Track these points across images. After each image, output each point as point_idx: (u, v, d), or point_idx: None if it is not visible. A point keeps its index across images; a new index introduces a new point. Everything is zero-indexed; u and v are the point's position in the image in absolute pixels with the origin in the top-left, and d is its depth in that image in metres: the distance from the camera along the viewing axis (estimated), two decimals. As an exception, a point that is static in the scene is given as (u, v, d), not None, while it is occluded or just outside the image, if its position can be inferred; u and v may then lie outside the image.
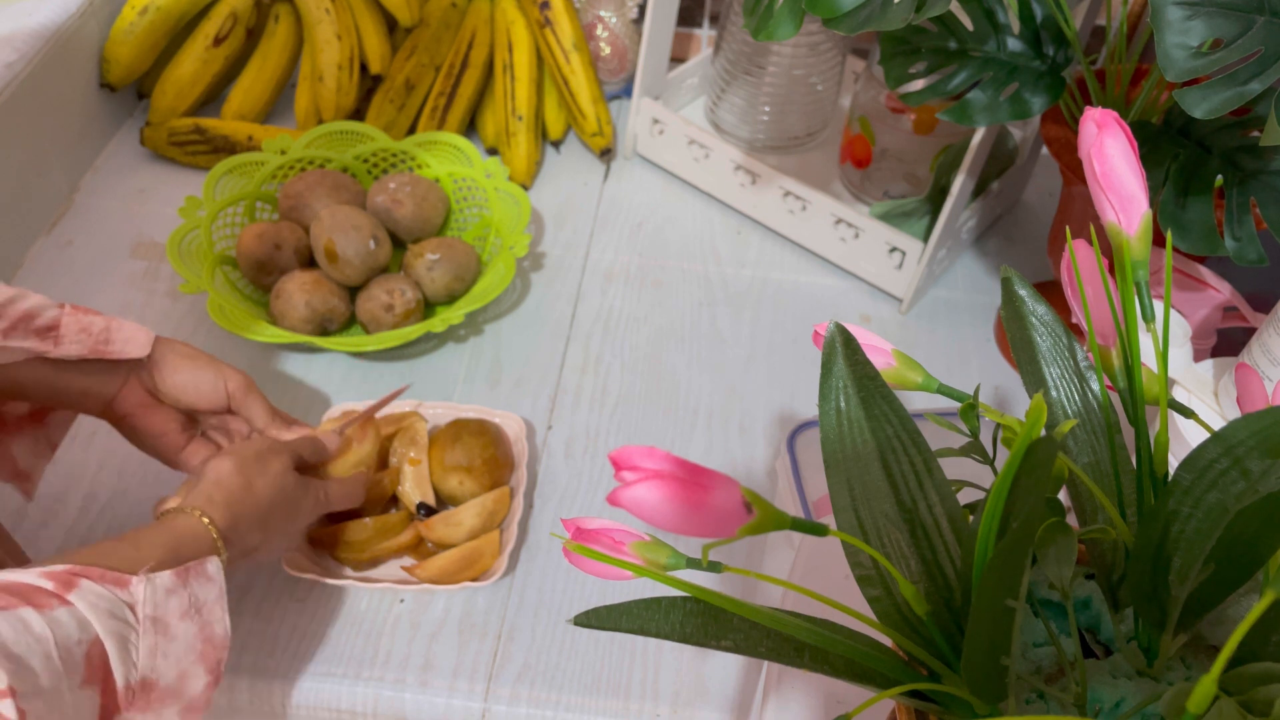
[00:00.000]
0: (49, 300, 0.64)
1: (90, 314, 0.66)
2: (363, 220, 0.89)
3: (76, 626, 0.47)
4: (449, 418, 0.81)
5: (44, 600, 0.47)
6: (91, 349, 0.65)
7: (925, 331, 0.94)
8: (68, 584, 0.48)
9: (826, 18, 0.66)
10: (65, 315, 0.64)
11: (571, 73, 1.07)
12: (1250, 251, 0.64)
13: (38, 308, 0.63)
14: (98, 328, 0.65)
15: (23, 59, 0.95)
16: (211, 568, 0.55)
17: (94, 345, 0.65)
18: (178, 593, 0.52)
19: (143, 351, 0.67)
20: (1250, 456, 0.33)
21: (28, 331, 0.62)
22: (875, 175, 1.01)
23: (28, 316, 0.62)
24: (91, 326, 0.65)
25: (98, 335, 0.65)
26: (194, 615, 0.53)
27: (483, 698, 0.68)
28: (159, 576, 0.52)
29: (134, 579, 0.51)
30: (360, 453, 0.73)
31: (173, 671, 0.51)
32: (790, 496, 0.70)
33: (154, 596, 0.51)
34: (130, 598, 0.50)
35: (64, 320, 0.64)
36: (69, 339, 0.64)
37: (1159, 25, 0.57)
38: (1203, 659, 0.39)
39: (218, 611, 0.55)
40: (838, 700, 0.55)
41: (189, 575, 0.53)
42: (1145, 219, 0.36)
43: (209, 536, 0.57)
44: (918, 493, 0.38)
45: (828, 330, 0.40)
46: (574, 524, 0.35)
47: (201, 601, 0.54)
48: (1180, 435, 0.58)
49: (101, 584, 0.49)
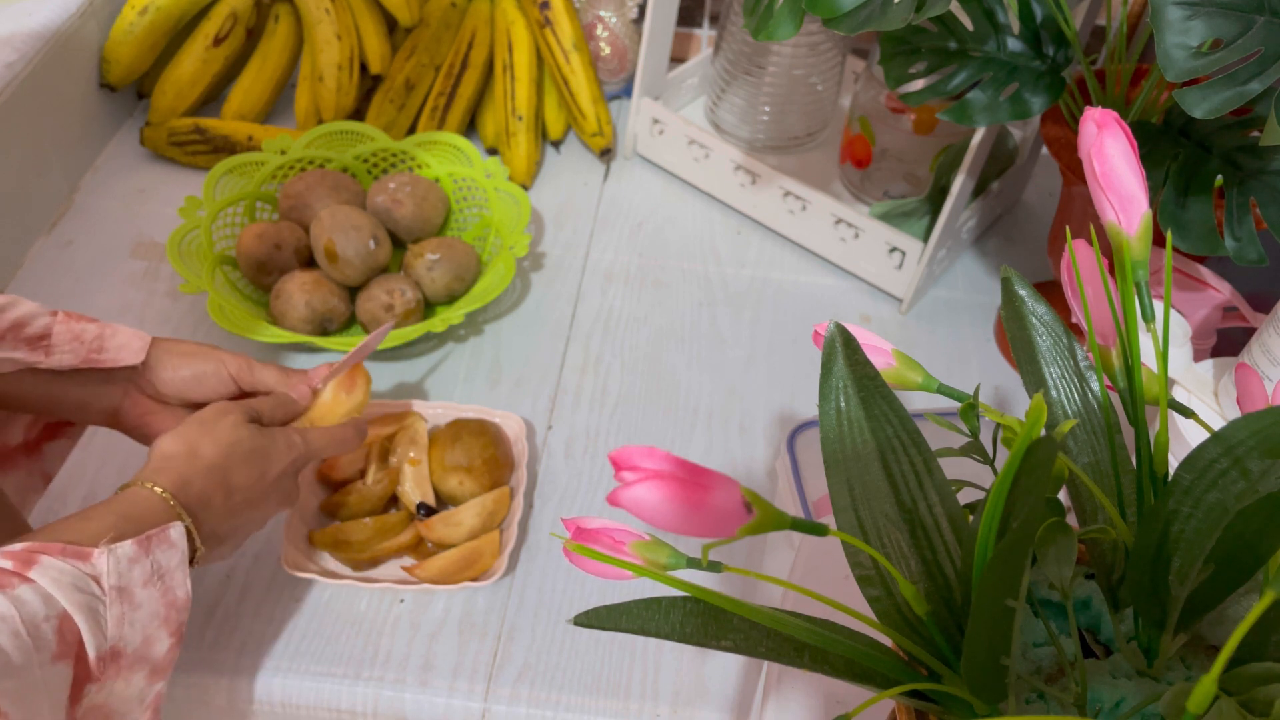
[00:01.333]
0: (41, 308, 0.63)
1: (83, 321, 0.65)
2: (363, 220, 0.89)
3: (41, 603, 0.47)
4: (449, 418, 0.81)
5: (4, 580, 0.47)
6: (84, 358, 0.64)
7: (925, 331, 0.94)
8: (27, 562, 0.48)
9: (826, 18, 0.66)
10: (57, 324, 0.63)
11: (571, 73, 1.07)
12: (1250, 251, 0.64)
13: (28, 316, 0.62)
14: (90, 335, 0.64)
15: (23, 59, 0.95)
16: (174, 533, 0.55)
17: (86, 354, 0.64)
18: (140, 561, 0.52)
19: (136, 358, 0.66)
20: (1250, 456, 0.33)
21: (17, 341, 0.61)
22: (875, 175, 1.02)
23: (17, 325, 0.61)
24: (84, 334, 0.64)
25: (90, 344, 0.64)
26: (156, 581, 0.53)
27: (483, 698, 0.68)
28: (120, 547, 0.52)
29: (95, 551, 0.51)
30: (350, 403, 0.71)
31: (139, 637, 0.52)
32: (790, 496, 0.70)
33: (117, 567, 0.51)
34: (94, 570, 0.50)
35: (55, 329, 0.63)
36: (60, 348, 0.63)
37: (1159, 25, 0.57)
38: (1203, 659, 0.38)
39: (179, 576, 0.54)
40: (838, 700, 0.55)
41: (151, 543, 0.53)
42: (1145, 219, 0.36)
43: (164, 503, 0.56)
44: (918, 493, 0.38)
45: (828, 330, 0.40)
46: (574, 524, 0.35)
47: (164, 568, 0.54)
48: (1180, 435, 0.58)
49: (63, 559, 0.49)
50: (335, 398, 0.71)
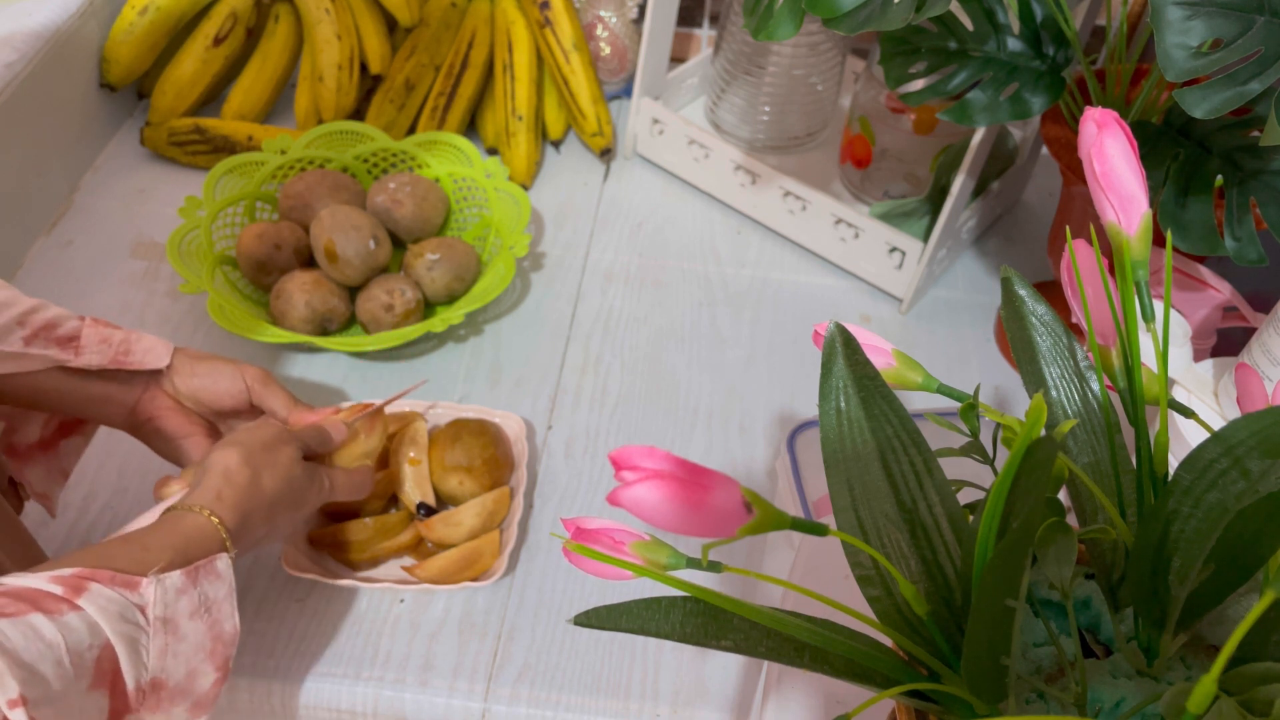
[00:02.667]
0: (69, 312, 0.65)
1: (110, 327, 0.66)
2: (363, 220, 0.89)
3: (87, 631, 0.47)
4: (449, 418, 0.81)
5: (53, 606, 0.46)
6: (112, 359, 0.65)
7: (925, 331, 0.94)
8: (77, 588, 0.48)
9: (826, 18, 0.66)
10: (85, 327, 0.65)
11: (571, 73, 1.07)
12: (1250, 251, 0.64)
13: (59, 318, 0.63)
14: (117, 339, 0.66)
15: (23, 59, 0.95)
16: (221, 565, 0.55)
17: (114, 356, 0.65)
18: (188, 592, 0.52)
19: (162, 362, 0.67)
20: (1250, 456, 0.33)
21: (49, 340, 0.62)
22: (875, 175, 1.02)
23: (49, 326, 0.63)
24: (111, 338, 0.65)
25: (118, 346, 0.65)
26: (203, 614, 0.53)
27: (483, 698, 0.68)
28: (169, 577, 0.51)
29: (144, 580, 0.50)
30: (367, 445, 0.72)
31: (182, 670, 0.51)
32: (790, 496, 0.70)
33: (164, 597, 0.51)
34: (140, 599, 0.50)
35: (84, 331, 0.64)
36: (89, 349, 0.64)
37: (1159, 25, 0.57)
38: (1203, 659, 0.38)
39: (226, 608, 0.54)
40: (838, 700, 0.55)
41: (199, 574, 0.53)
42: (1145, 219, 0.36)
43: (218, 535, 0.56)
44: (918, 493, 0.38)
45: (828, 330, 0.40)
46: (574, 524, 0.35)
47: (211, 599, 0.54)
48: (1180, 435, 0.58)
49: (111, 587, 0.49)
50: (355, 439, 0.72)
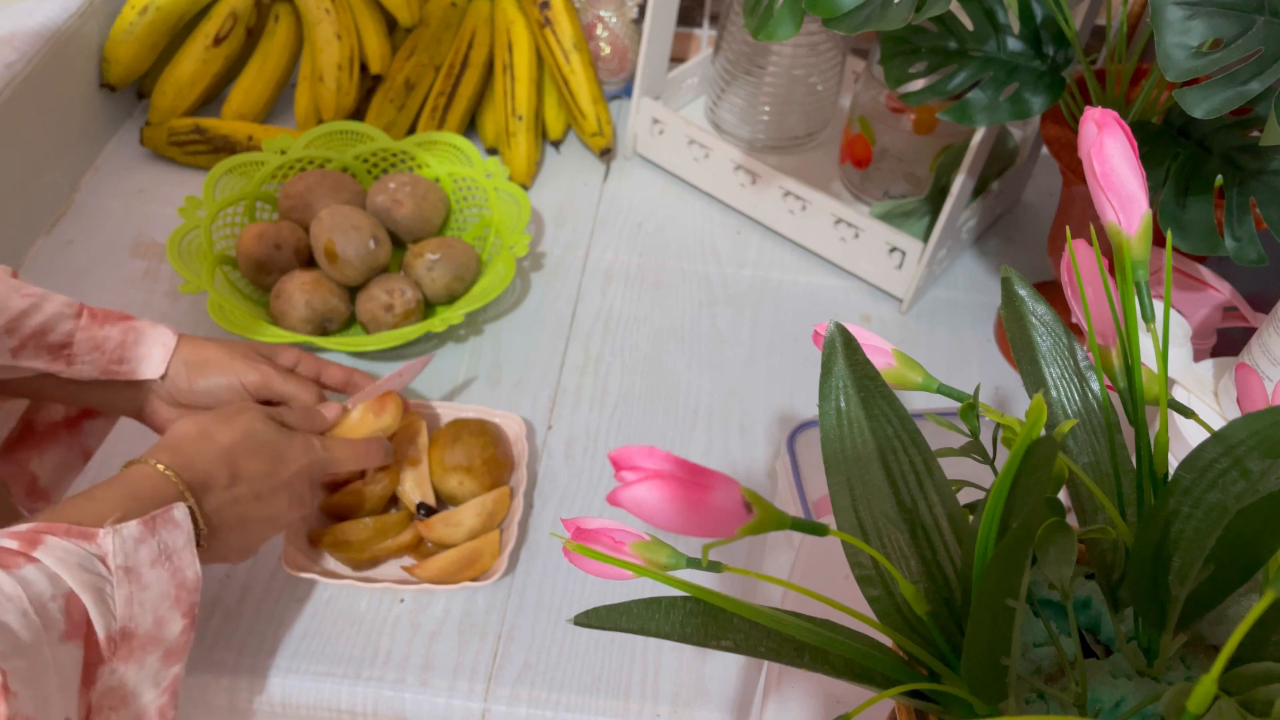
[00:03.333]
0: (67, 306, 0.63)
1: (108, 323, 0.64)
2: (363, 220, 0.89)
3: (47, 582, 0.47)
4: (449, 418, 0.81)
5: (10, 560, 0.47)
6: (104, 369, 0.64)
7: (925, 331, 0.94)
8: (32, 542, 0.48)
9: (826, 18, 0.66)
10: (79, 329, 0.63)
11: (571, 73, 1.07)
12: (1250, 251, 0.64)
13: (51, 321, 0.62)
14: (112, 344, 0.64)
15: (23, 59, 0.95)
16: (178, 514, 0.55)
17: (106, 365, 0.64)
18: (146, 541, 0.52)
19: (156, 372, 0.66)
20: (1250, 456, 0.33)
21: (39, 349, 0.62)
22: (875, 175, 1.02)
23: (40, 333, 0.61)
24: (105, 343, 0.64)
25: (111, 353, 0.64)
26: (164, 562, 0.53)
27: (483, 698, 0.68)
28: (125, 527, 0.51)
29: (100, 531, 0.51)
30: (377, 425, 0.72)
31: (150, 618, 0.52)
32: (790, 496, 0.70)
33: (123, 547, 0.51)
34: (99, 550, 0.50)
35: (77, 336, 0.63)
36: (81, 358, 0.63)
37: (1159, 25, 0.57)
38: (1203, 659, 0.39)
39: (187, 556, 0.54)
40: (838, 700, 0.55)
41: (156, 523, 0.53)
42: (1145, 219, 0.36)
43: (169, 483, 0.56)
44: (918, 493, 0.38)
45: (828, 330, 0.40)
46: (574, 524, 0.35)
47: (171, 548, 0.53)
48: (1180, 435, 0.58)
49: (67, 539, 0.49)
50: (363, 419, 0.72)
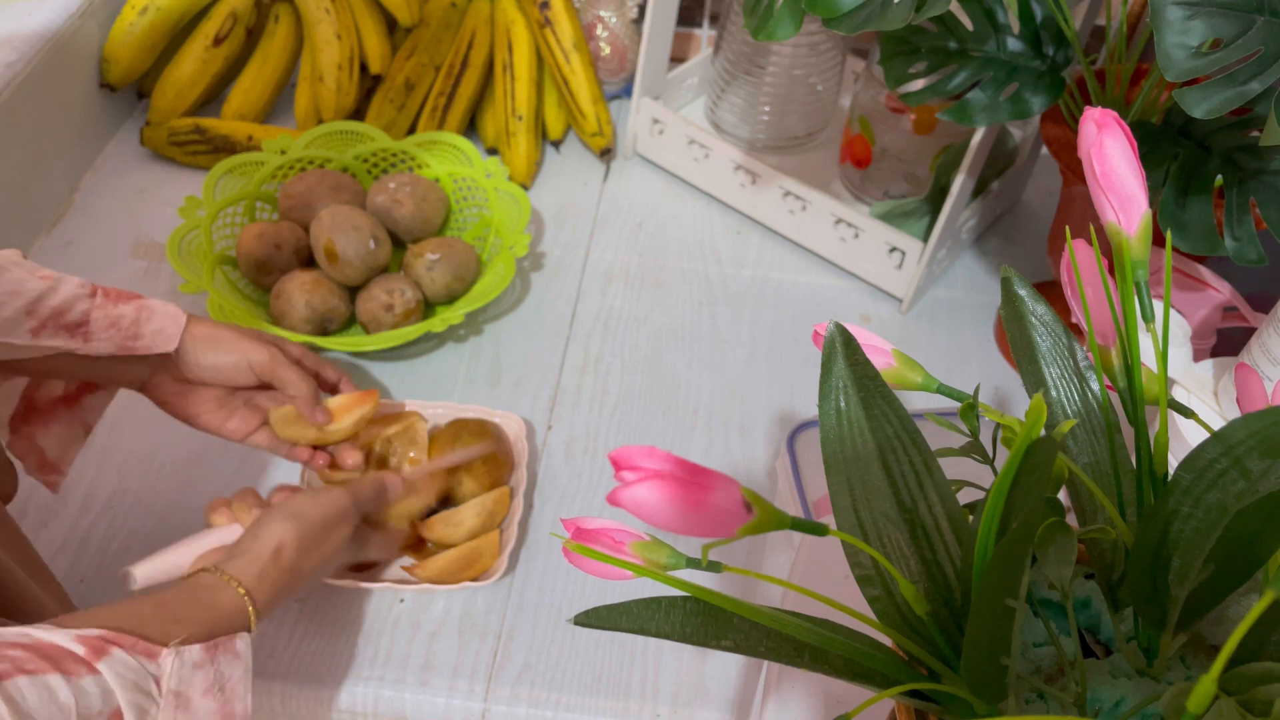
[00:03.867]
0: (81, 287, 0.64)
1: (121, 301, 0.65)
2: (363, 220, 0.89)
3: (100, 697, 0.46)
4: (449, 418, 0.81)
5: (73, 667, 0.46)
6: (120, 345, 0.65)
7: (925, 331, 0.94)
8: (99, 651, 0.48)
9: (826, 18, 0.66)
10: (95, 308, 0.64)
11: (571, 73, 1.07)
12: (1250, 251, 0.64)
13: (68, 302, 0.63)
14: (127, 320, 0.65)
15: (23, 59, 0.95)
16: (240, 644, 0.54)
17: (122, 342, 0.65)
18: (204, 668, 0.52)
19: (170, 346, 0.67)
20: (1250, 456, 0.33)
21: (57, 329, 0.62)
22: (875, 175, 1.02)
23: (57, 313, 0.62)
24: (120, 320, 0.65)
25: (126, 330, 0.65)
26: (217, 692, 0.52)
27: (483, 698, 0.68)
28: (188, 650, 0.51)
29: (164, 651, 0.50)
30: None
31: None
32: (790, 496, 0.70)
33: (180, 671, 0.50)
34: (157, 670, 0.49)
35: (93, 314, 0.64)
36: (98, 335, 0.64)
37: (1159, 25, 0.57)
38: (1203, 659, 0.39)
39: (240, 689, 0.54)
40: (838, 700, 0.55)
41: (217, 651, 0.53)
42: (1145, 219, 0.36)
43: (246, 614, 0.56)
44: (918, 493, 0.38)
45: (828, 330, 0.40)
46: (574, 524, 0.35)
47: (226, 678, 0.53)
48: (1180, 435, 0.58)
49: (133, 654, 0.49)
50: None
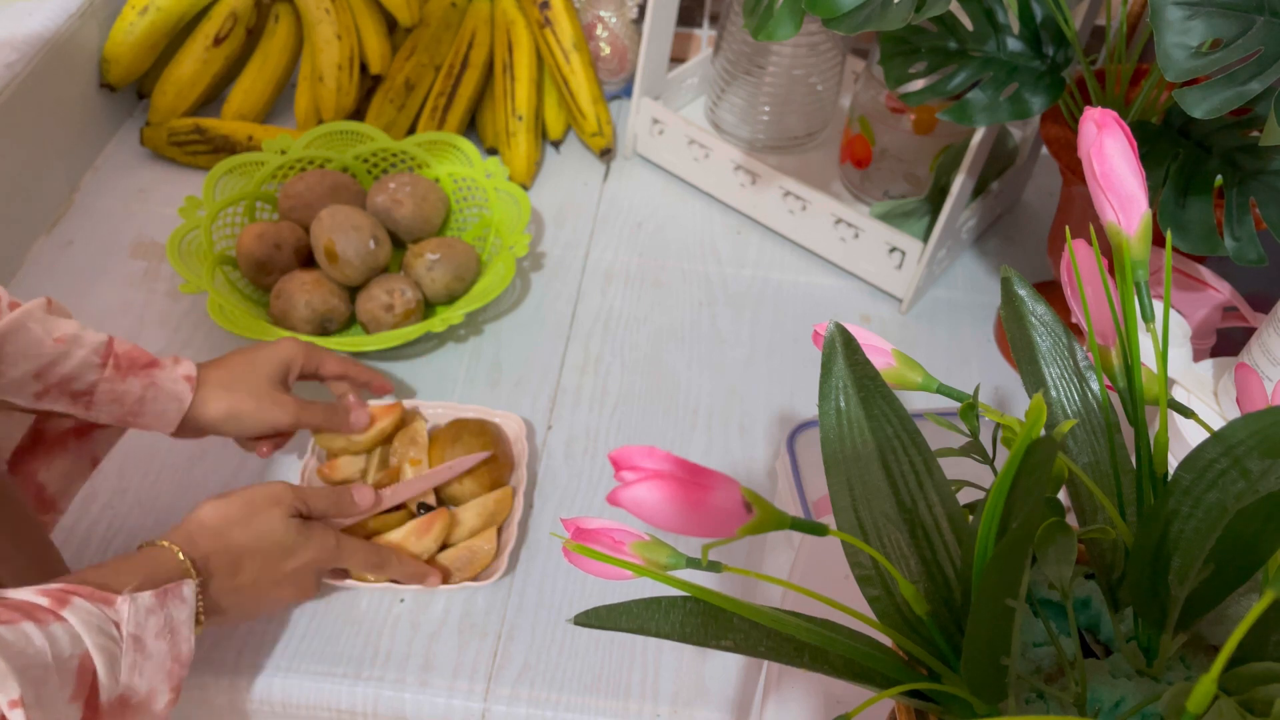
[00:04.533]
0: (95, 354, 0.64)
1: (132, 374, 0.66)
2: (363, 220, 0.89)
3: (69, 642, 0.49)
4: (449, 418, 0.81)
5: (42, 615, 0.49)
6: (120, 418, 0.67)
7: (925, 331, 0.94)
8: (61, 600, 0.50)
9: (826, 18, 0.66)
10: (102, 380, 0.65)
11: (571, 73, 1.07)
12: (1250, 251, 0.64)
13: (78, 370, 0.64)
14: (131, 398, 0.66)
15: (23, 59, 0.95)
16: (186, 590, 0.57)
17: (123, 416, 0.66)
18: (156, 613, 0.54)
19: (169, 429, 0.68)
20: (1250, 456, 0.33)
21: (61, 394, 0.64)
22: (875, 175, 1.02)
23: (66, 380, 0.63)
24: (125, 396, 0.66)
25: (129, 407, 0.66)
26: (167, 635, 0.55)
27: (483, 698, 0.68)
28: (141, 596, 0.54)
29: (119, 598, 0.53)
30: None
31: (144, 688, 0.53)
32: (790, 496, 0.70)
33: (136, 615, 0.53)
34: (116, 615, 0.52)
35: (100, 387, 0.65)
36: (100, 405, 0.65)
37: (1159, 25, 0.57)
38: (1202, 659, 0.39)
39: (185, 631, 0.56)
40: (838, 700, 0.55)
41: (167, 596, 0.55)
42: (1145, 219, 0.36)
43: (179, 563, 0.58)
44: (918, 493, 0.38)
45: (828, 330, 0.40)
46: (574, 524, 0.35)
47: (175, 622, 0.56)
48: (1180, 435, 0.58)
49: (91, 601, 0.51)
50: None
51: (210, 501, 0.63)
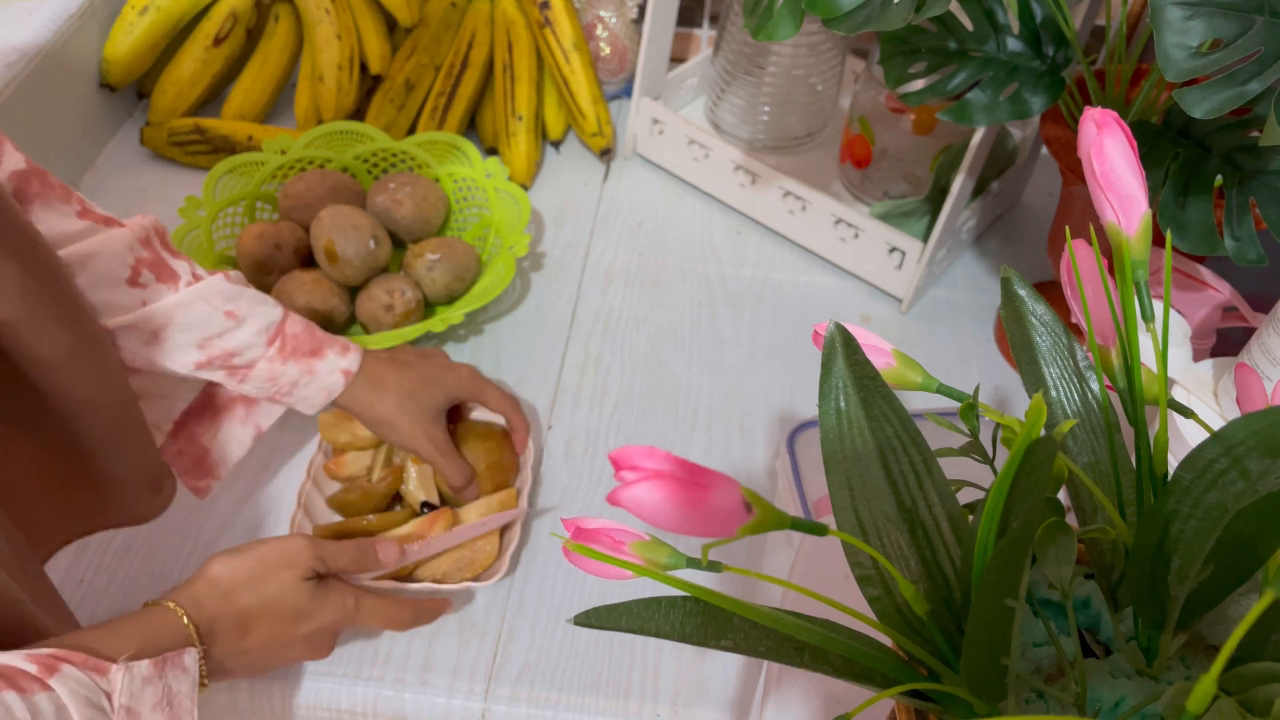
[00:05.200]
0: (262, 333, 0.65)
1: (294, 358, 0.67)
2: (363, 220, 0.89)
3: (54, 714, 0.47)
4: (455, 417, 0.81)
5: (27, 684, 0.46)
6: (270, 396, 0.67)
7: (925, 331, 0.94)
8: (50, 668, 0.48)
9: (826, 18, 0.66)
10: (263, 360, 0.65)
11: (571, 73, 1.07)
12: (1250, 251, 0.64)
13: (242, 347, 0.64)
14: (286, 380, 0.67)
15: (23, 60, 0.95)
16: (188, 660, 0.55)
17: (273, 394, 0.67)
18: (154, 683, 0.52)
19: (311, 410, 0.69)
20: (1250, 456, 0.33)
21: (220, 367, 0.64)
22: (875, 175, 1.02)
23: (228, 355, 0.64)
24: (281, 378, 0.66)
25: (281, 388, 0.67)
26: (165, 706, 0.53)
27: (483, 698, 0.68)
28: (137, 666, 0.51)
29: (114, 667, 0.50)
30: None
31: None
32: (790, 496, 0.70)
33: (130, 686, 0.51)
34: (108, 685, 0.50)
35: (259, 366, 0.65)
36: (253, 381, 0.66)
37: (1159, 25, 0.57)
38: (1202, 659, 0.39)
39: (187, 704, 0.54)
40: (838, 700, 0.55)
41: (166, 665, 0.53)
42: (1145, 219, 0.36)
43: (183, 628, 0.56)
44: (918, 493, 0.38)
45: (828, 330, 0.40)
46: (574, 524, 0.35)
47: (174, 693, 0.53)
48: (1180, 435, 0.58)
49: (83, 670, 0.49)
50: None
51: (221, 558, 0.60)
